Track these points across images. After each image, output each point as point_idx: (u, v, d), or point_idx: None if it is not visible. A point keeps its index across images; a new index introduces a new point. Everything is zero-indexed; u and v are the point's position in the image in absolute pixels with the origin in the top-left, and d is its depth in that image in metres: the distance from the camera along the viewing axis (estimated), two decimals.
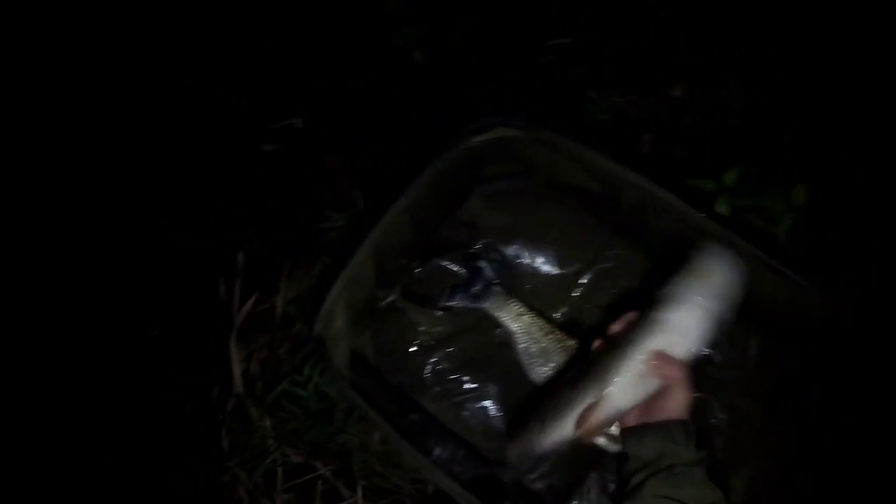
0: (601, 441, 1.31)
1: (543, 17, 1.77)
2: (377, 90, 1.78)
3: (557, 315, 1.53)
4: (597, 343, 1.20)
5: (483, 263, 1.52)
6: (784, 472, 1.40)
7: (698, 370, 1.13)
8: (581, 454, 1.47)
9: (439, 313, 1.52)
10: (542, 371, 1.43)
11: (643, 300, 1.14)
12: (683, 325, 1.08)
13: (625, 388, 1.10)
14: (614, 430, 1.23)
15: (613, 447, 1.31)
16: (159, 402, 1.65)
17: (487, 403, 1.49)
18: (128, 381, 1.64)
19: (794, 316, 1.35)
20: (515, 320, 1.46)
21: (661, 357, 1.07)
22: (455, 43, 1.77)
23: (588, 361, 1.18)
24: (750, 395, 1.45)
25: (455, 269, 1.54)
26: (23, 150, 1.76)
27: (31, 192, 1.73)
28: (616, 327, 1.17)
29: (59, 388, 1.62)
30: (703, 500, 1.03)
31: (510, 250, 1.56)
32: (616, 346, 1.12)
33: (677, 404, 1.10)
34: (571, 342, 1.43)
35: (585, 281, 1.55)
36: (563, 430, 1.16)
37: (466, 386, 1.50)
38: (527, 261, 1.56)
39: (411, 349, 1.51)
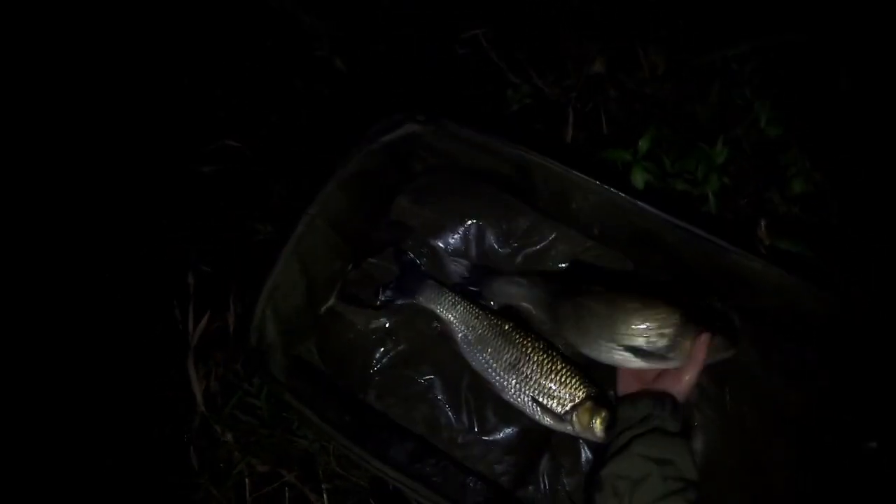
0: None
1: (455, 10, 1.79)
2: (304, 101, 1.82)
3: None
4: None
5: (414, 258, 1.55)
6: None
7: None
8: (532, 438, 1.49)
9: (376, 312, 1.53)
10: (482, 358, 1.45)
11: None
12: None
13: None
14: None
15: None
16: (127, 426, 1.69)
17: (433, 396, 1.52)
18: (93, 408, 1.68)
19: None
20: (450, 310, 1.49)
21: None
22: (374, 47, 1.80)
23: None
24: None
25: (387, 267, 1.56)
26: None
27: None
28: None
29: (18, 422, 1.67)
30: (681, 469, 1.13)
31: (439, 243, 1.58)
32: None
33: (680, 387, 1.22)
34: (508, 325, 1.45)
35: (517, 263, 1.57)
36: None
37: (411, 381, 1.53)
38: (456, 251, 1.58)
39: (353, 351, 1.54)
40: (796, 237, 1.49)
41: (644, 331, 1.26)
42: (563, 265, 1.56)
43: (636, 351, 1.27)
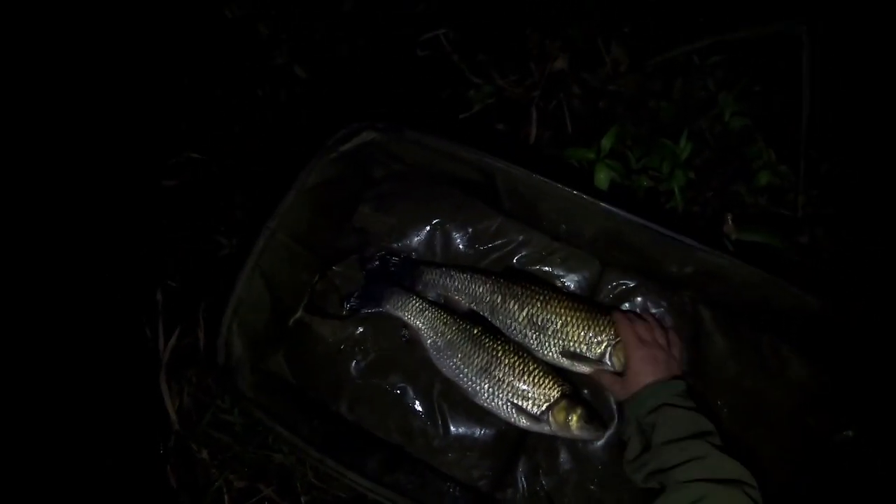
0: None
1: (416, 12, 1.78)
2: (266, 111, 1.80)
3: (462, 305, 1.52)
4: None
5: (379, 266, 1.54)
6: None
7: None
8: (507, 441, 1.49)
9: (343, 322, 1.53)
10: (453, 363, 1.44)
11: None
12: None
13: None
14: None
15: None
16: (101, 448, 1.67)
17: (406, 404, 1.51)
18: (66, 430, 1.66)
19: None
20: (418, 317, 1.48)
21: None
22: (334, 53, 1.78)
23: None
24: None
25: (352, 275, 1.55)
26: None
27: None
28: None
29: None
30: (698, 423, 1.21)
31: (404, 249, 1.57)
32: None
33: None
34: (477, 329, 1.45)
35: (484, 265, 1.56)
36: None
37: (382, 390, 1.52)
38: (421, 257, 1.57)
39: (323, 362, 1.53)
40: (763, 230, 1.49)
41: (585, 337, 1.39)
42: (534, 268, 1.54)
43: (575, 356, 1.39)
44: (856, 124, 1.61)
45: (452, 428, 1.50)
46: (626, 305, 1.52)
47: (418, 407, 1.51)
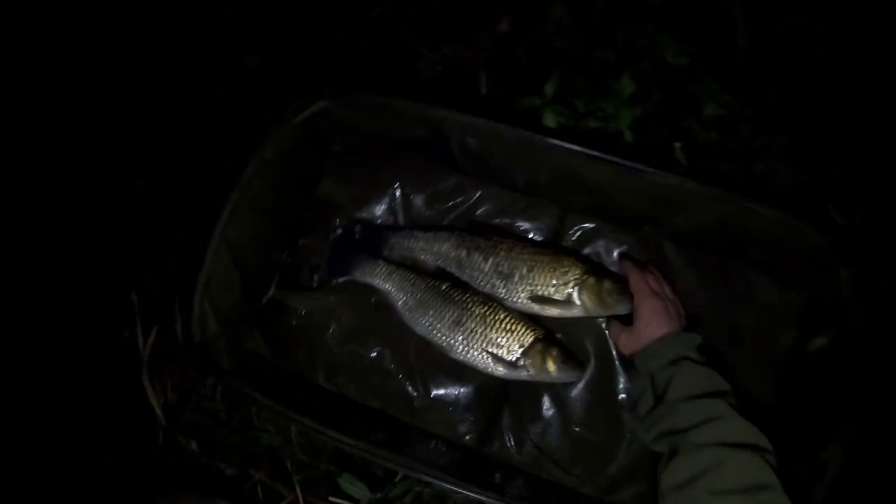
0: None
1: None
2: (224, 101, 1.83)
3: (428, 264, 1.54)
4: None
5: (344, 235, 1.57)
6: None
7: None
8: (489, 395, 1.50)
9: (315, 294, 1.54)
10: (424, 321, 1.46)
11: None
12: None
13: None
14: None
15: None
16: (89, 451, 1.67)
17: (384, 368, 1.53)
18: (54, 435, 1.66)
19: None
20: (386, 280, 1.50)
21: None
22: (283, 42, 1.82)
23: None
24: None
25: (319, 246, 1.58)
26: None
27: None
28: None
29: None
30: (715, 382, 1.19)
31: (367, 217, 1.60)
32: None
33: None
34: (445, 285, 1.47)
35: (447, 223, 1.58)
36: None
37: (359, 356, 1.54)
38: (385, 222, 1.60)
39: (298, 336, 1.55)
40: (713, 156, 1.52)
41: (551, 280, 1.41)
42: (496, 221, 1.56)
43: (544, 299, 1.40)
44: (796, 54, 1.64)
45: (432, 387, 1.51)
46: (589, 248, 1.54)
47: (396, 370, 1.52)
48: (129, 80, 1.83)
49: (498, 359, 1.39)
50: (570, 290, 1.41)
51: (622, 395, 1.47)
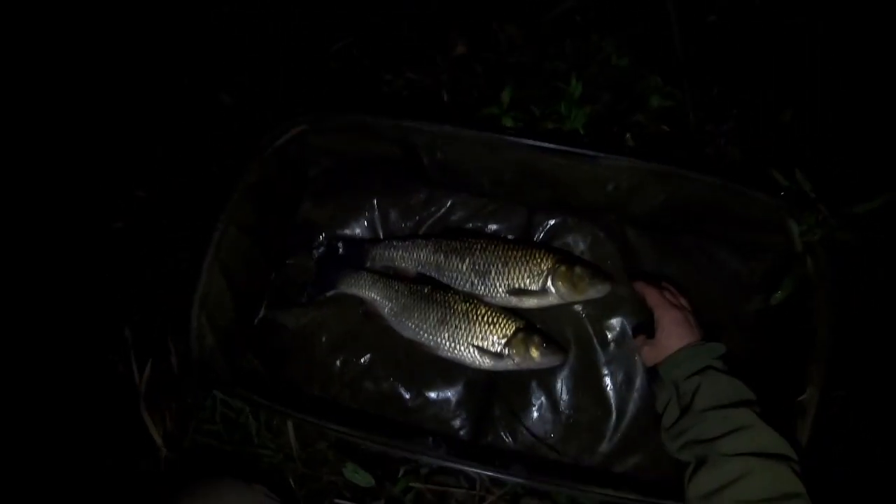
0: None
1: (320, 27, 1.95)
2: (201, 139, 1.92)
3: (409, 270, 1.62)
4: None
5: (327, 252, 1.65)
6: None
7: None
8: (478, 389, 1.57)
9: (304, 309, 1.62)
10: (410, 324, 1.54)
11: None
12: None
13: None
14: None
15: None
16: (92, 486, 1.69)
17: (375, 373, 1.60)
18: (56, 474, 1.68)
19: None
20: (371, 289, 1.58)
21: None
22: (251, 77, 1.93)
23: None
24: None
25: (305, 265, 1.66)
26: None
27: None
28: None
29: None
30: (740, 391, 1.21)
31: (347, 233, 1.69)
32: None
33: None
34: (427, 288, 1.56)
35: (423, 232, 1.68)
36: None
37: (350, 364, 1.60)
38: (364, 236, 1.69)
39: (291, 351, 1.62)
40: (664, 145, 1.64)
41: (526, 272, 1.50)
42: (468, 226, 1.66)
43: (520, 291, 1.50)
44: (729, 47, 1.78)
45: (423, 387, 1.58)
46: (558, 242, 1.63)
47: (387, 373, 1.59)
48: (128, 80, 1.92)
49: (484, 351, 1.47)
50: (545, 279, 1.49)
51: (606, 376, 1.55)
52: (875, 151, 1.63)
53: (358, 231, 1.69)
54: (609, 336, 1.57)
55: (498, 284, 1.52)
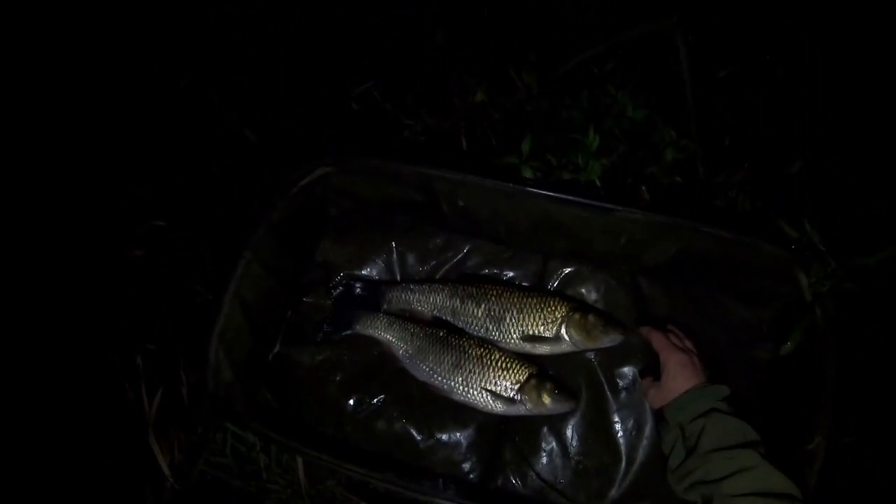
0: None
1: (344, 70, 2.00)
2: (223, 174, 1.96)
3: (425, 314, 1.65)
4: None
5: (345, 292, 1.67)
6: None
7: None
8: (489, 433, 1.59)
9: (319, 348, 1.64)
10: (424, 367, 1.57)
11: None
12: None
13: None
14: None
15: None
16: None
17: (388, 414, 1.61)
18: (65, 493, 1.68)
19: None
20: (387, 331, 1.61)
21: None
22: (277, 114, 1.98)
23: None
24: None
25: (322, 303, 1.68)
26: None
27: None
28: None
29: None
30: (745, 433, 1.23)
31: (364, 273, 1.72)
32: None
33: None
34: (442, 332, 1.58)
35: (439, 276, 1.71)
36: None
37: (364, 404, 1.62)
38: (381, 277, 1.72)
39: (305, 389, 1.63)
40: (677, 196, 1.68)
41: (540, 319, 1.53)
42: (484, 271, 1.70)
43: (534, 338, 1.53)
44: (739, 97, 1.84)
45: (435, 429, 1.59)
46: (572, 290, 1.66)
47: (400, 414, 1.60)
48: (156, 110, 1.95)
49: (497, 396, 1.49)
50: (559, 326, 1.52)
51: (616, 423, 1.57)
52: (883, 203, 1.68)
53: (375, 272, 1.72)
54: (620, 383, 1.59)
55: (512, 330, 1.55)
